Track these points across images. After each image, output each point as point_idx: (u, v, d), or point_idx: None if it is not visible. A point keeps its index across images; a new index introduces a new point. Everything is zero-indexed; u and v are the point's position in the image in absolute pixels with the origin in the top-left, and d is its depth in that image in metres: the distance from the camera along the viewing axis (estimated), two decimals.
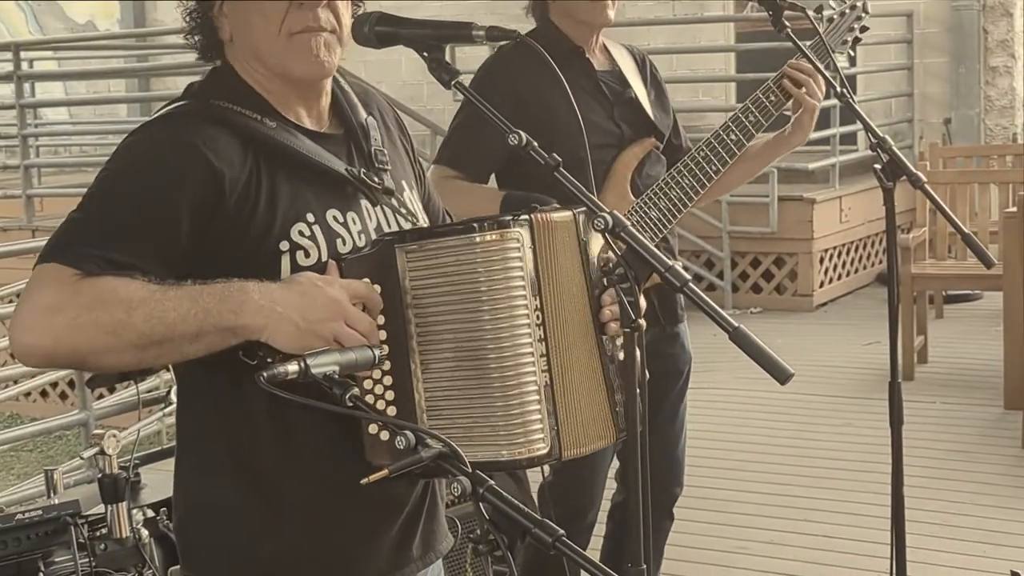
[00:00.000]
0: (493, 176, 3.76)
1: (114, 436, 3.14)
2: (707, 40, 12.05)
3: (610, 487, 4.11)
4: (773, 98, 3.81)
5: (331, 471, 2.20)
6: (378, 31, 2.26)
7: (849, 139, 10.60)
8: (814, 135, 10.12)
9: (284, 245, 2.15)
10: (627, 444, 2.07)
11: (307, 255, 2.16)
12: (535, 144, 2.15)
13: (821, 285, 9.94)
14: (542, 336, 2.13)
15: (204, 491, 2.28)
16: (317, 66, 2.23)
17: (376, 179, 2.30)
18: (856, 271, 10.41)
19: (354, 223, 2.24)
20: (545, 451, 2.09)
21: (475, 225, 2.10)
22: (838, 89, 3.34)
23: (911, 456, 5.95)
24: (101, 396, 6.68)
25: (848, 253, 10.30)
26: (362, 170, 2.29)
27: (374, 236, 2.23)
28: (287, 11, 2.19)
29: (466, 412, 2.08)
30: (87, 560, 3.19)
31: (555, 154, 2.14)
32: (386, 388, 2.12)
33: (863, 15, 3.95)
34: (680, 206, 3.73)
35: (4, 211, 11.57)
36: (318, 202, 2.21)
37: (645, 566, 1.95)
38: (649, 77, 3.94)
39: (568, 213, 2.23)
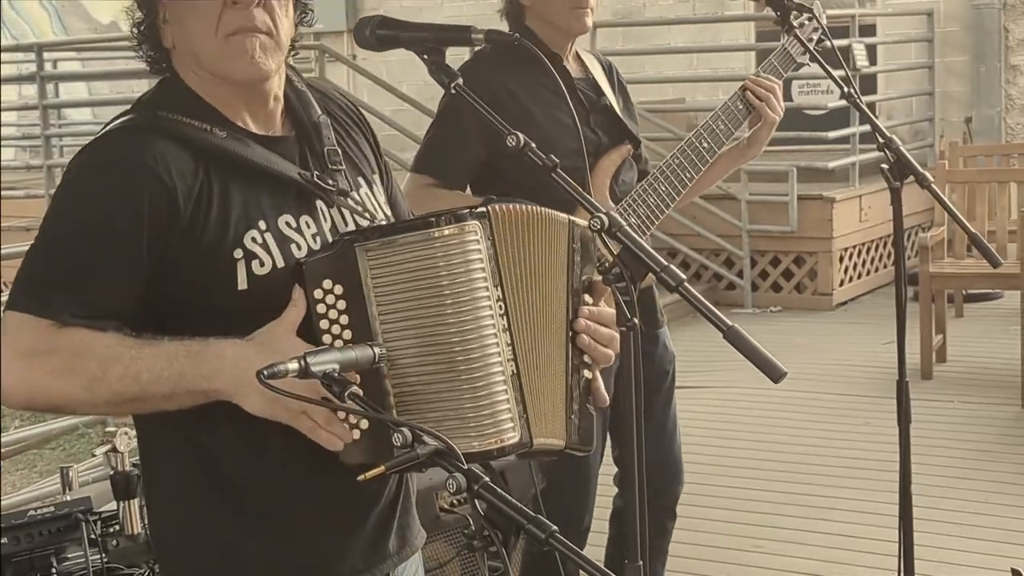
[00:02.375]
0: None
1: (126, 434, 3.16)
2: (727, 39, 12.05)
3: (611, 491, 4.13)
4: (741, 106, 3.86)
5: (299, 473, 2.20)
6: (379, 34, 2.28)
7: (869, 138, 10.57)
8: (834, 134, 10.17)
9: (238, 253, 2.14)
10: (624, 448, 2.08)
11: (262, 264, 2.15)
12: (533, 145, 2.16)
13: (841, 284, 9.93)
14: (506, 326, 2.13)
15: (173, 506, 2.27)
16: (253, 67, 2.19)
17: (330, 181, 2.27)
18: (876, 270, 10.40)
19: (308, 227, 2.22)
20: (516, 439, 2.10)
21: (432, 220, 2.11)
22: (845, 90, 3.35)
23: (929, 455, 6.00)
24: None
25: (868, 252, 10.29)
26: (315, 172, 2.26)
27: (330, 238, 2.23)
28: (221, 12, 2.16)
29: (435, 405, 2.09)
30: (99, 556, 3.23)
31: (551, 155, 2.16)
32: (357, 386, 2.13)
33: (818, 26, 3.94)
34: (658, 212, 3.77)
35: (28, 211, 11.62)
36: (270, 209, 2.19)
37: (641, 562, 1.96)
38: (616, 84, 3.95)
39: (562, 216, 2.25)
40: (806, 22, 3.91)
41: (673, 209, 3.91)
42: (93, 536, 3.17)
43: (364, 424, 2.09)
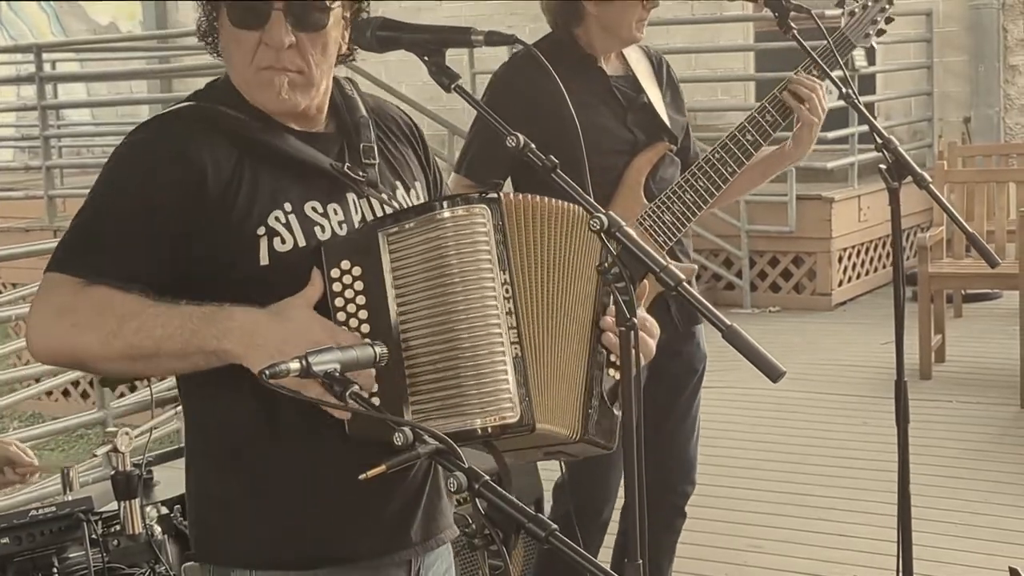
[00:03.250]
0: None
1: (127, 434, 3.18)
2: (726, 40, 12.06)
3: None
4: (788, 100, 3.80)
5: (320, 449, 2.26)
6: (379, 36, 2.31)
7: (867, 138, 10.53)
8: (832, 134, 10.14)
9: (261, 230, 2.24)
10: (626, 445, 2.10)
11: (283, 241, 2.25)
12: (532, 146, 2.18)
13: (839, 284, 9.94)
14: (511, 309, 2.18)
15: (204, 480, 2.39)
16: (279, 103, 2.30)
17: (360, 172, 2.36)
18: (875, 270, 10.41)
19: (335, 213, 2.31)
20: (515, 418, 2.14)
21: (444, 203, 2.19)
22: (843, 90, 3.35)
23: (928, 455, 6.01)
24: (123, 395, 6.74)
25: (867, 252, 10.30)
26: (347, 164, 2.35)
27: (357, 227, 2.31)
28: (257, 47, 2.27)
29: (442, 384, 2.15)
30: (100, 556, 3.25)
31: (552, 156, 2.17)
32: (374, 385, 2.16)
33: (887, 6, 3.93)
34: (695, 208, 3.74)
35: (27, 212, 11.64)
36: (299, 193, 2.29)
37: (641, 561, 1.97)
38: (665, 79, 3.95)
39: (576, 208, 2.27)
40: (871, 3, 3.88)
41: (716, 206, 3.88)
42: (94, 536, 3.19)
43: (375, 401, 2.14)
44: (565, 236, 2.28)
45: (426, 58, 2.26)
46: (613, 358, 2.31)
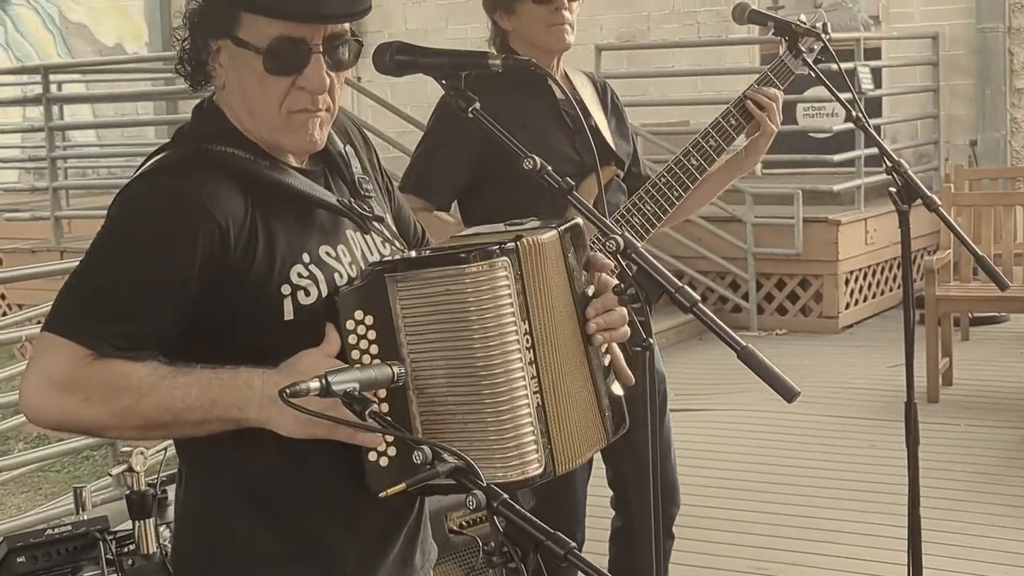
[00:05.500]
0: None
1: (142, 454, 3.19)
2: (731, 62, 12.08)
3: (608, 514, 4.14)
4: (734, 122, 3.85)
5: (335, 492, 2.24)
6: (398, 60, 2.32)
7: (875, 161, 10.59)
8: (839, 157, 10.16)
9: (286, 289, 2.18)
10: (628, 467, 2.11)
11: (307, 294, 2.19)
12: (549, 168, 2.19)
13: (847, 307, 9.93)
14: (532, 359, 2.17)
15: (206, 522, 2.30)
16: (309, 144, 2.26)
17: (365, 207, 2.34)
18: (882, 293, 10.40)
19: (344, 255, 2.27)
20: (539, 471, 2.14)
21: (463, 256, 2.14)
22: (853, 113, 3.36)
23: (935, 478, 5.99)
24: None
25: (874, 275, 10.30)
26: (351, 200, 2.33)
27: (363, 265, 2.27)
28: (289, 90, 2.20)
29: (460, 436, 2.12)
30: (115, 575, 3.25)
31: (567, 178, 2.18)
32: (383, 414, 2.14)
33: (815, 46, 3.93)
34: (643, 232, 3.78)
35: (33, 232, 11.66)
36: (312, 241, 2.23)
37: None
38: (610, 105, 3.98)
39: (553, 232, 2.27)
40: (809, 38, 3.92)
41: (665, 227, 3.92)
42: (110, 556, 3.19)
43: (392, 451, 2.14)
44: (553, 264, 2.27)
45: (444, 82, 2.27)
46: (601, 338, 2.30)
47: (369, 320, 2.16)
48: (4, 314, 11.23)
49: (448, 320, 2.13)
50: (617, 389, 2.34)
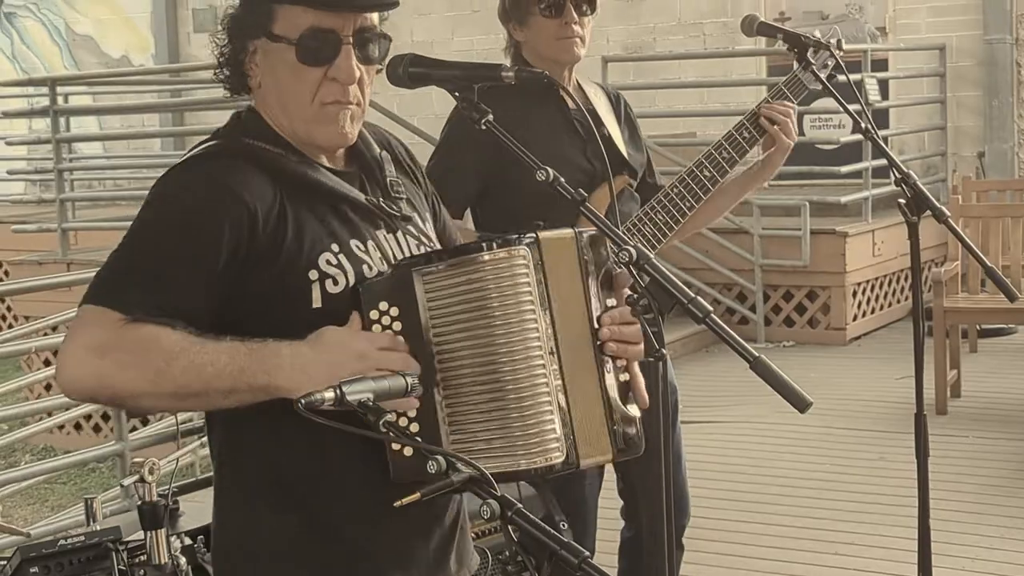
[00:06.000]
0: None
1: (154, 464, 3.19)
2: (738, 74, 12.09)
3: (618, 525, 4.14)
4: (747, 134, 3.86)
5: (366, 489, 2.27)
6: (411, 72, 2.35)
7: (882, 172, 10.58)
8: (846, 168, 10.16)
9: (313, 274, 2.24)
10: (638, 477, 2.12)
11: (335, 283, 2.25)
12: (562, 180, 2.21)
13: (854, 319, 9.92)
14: (553, 349, 2.21)
15: (238, 511, 2.37)
16: (340, 137, 2.33)
17: (394, 207, 2.39)
18: (889, 305, 10.39)
19: (374, 251, 2.33)
20: (561, 459, 2.18)
21: (484, 244, 2.21)
22: (863, 126, 3.36)
23: (944, 490, 5.98)
24: (134, 428, 6.75)
25: (881, 287, 10.29)
26: (381, 199, 2.38)
27: (393, 262, 2.32)
28: (321, 82, 2.28)
29: (485, 425, 2.17)
30: None
31: (580, 190, 2.19)
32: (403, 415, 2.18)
33: (838, 51, 3.94)
34: (655, 242, 3.79)
35: (40, 244, 11.68)
36: (342, 231, 2.30)
37: None
38: (623, 116, 4.00)
39: (569, 231, 2.31)
40: (821, 51, 3.92)
41: (677, 239, 3.92)
42: (122, 567, 3.19)
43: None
44: (570, 261, 2.31)
45: (457, 94, 2.29)
46: (620, 362, 2.33)
47: (395, 311, 2.21)
48: (11, 326, 11.25)
49: (470, 309, 2.18)
50: (634, 410, 2.34)
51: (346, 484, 2.29)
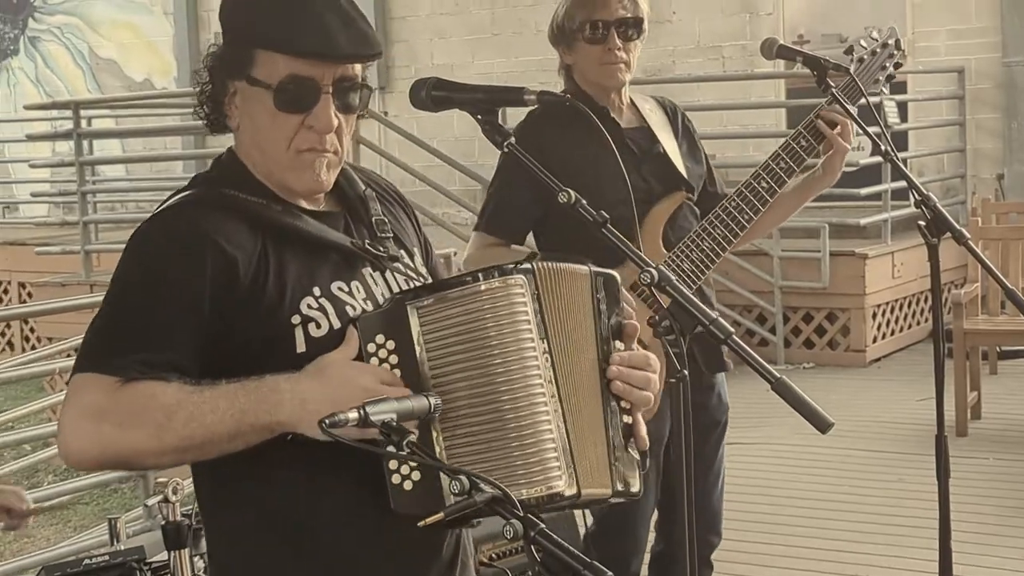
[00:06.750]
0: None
1: (177, 484, 3.20)
2: (757, 96, 12.09)
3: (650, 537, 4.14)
4: (804, 143, 3.85)
5: (361, 520, 2.26)
6: (434, 95, 2.36)
7: (901, 194, 10.57)
8: (866, 190, 10.13)
9: (296, 319, 2.23)
10: (669, 499, 2.13)
11: (318, 326, 2.24)
12: (583, 202, 2.22)
13: (874, 341, 9.91)
14: (551, 378, 2.20)
15: (235, 551, 2.33)
16: (315, 184, 2.31)
17: (380, 247, 2.37)
18: (909, 327, 10.37)
19: (358, 291, 2.31)
20: (563, 487, 2.16)
21: (480, 275, 2.19)
22: (883, 148, 3.38)
23: (964, 512, 5.97)
24: None
25: (901, 309, 10.28)
26: (366, 240, 2.37)
27: (379, 301, 2.31)
28: (298, 129, 2.26)
29: (484, 456, 2.15)
30: None
31: (602, 211, 2.21)
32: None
33: (895, 51, 3.97)
34: (713, 256, 3.79)
35: (64, 266, 11.74)
36: (324, 275, 2.28)
37: None
38: (681, 129, 4.03)
39: (584, 268, 2.31)
40: (879, 49, 3.94)
41: (736, 249, 3.92)
42: None
43: (416, 476, 2.15)
44: (576, 295, 2.30)
45: (479, 117, 2.31)
46: (624, 404, 2.33)
47: (391, 344, 2.20)
48: (34, 347, 11.29)
49: (468, 339, 2.17)
50: (634, 453, 2.34)
51: (340, 521, 2.26)
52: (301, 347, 2.22)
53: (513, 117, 8.86)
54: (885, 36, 3.96)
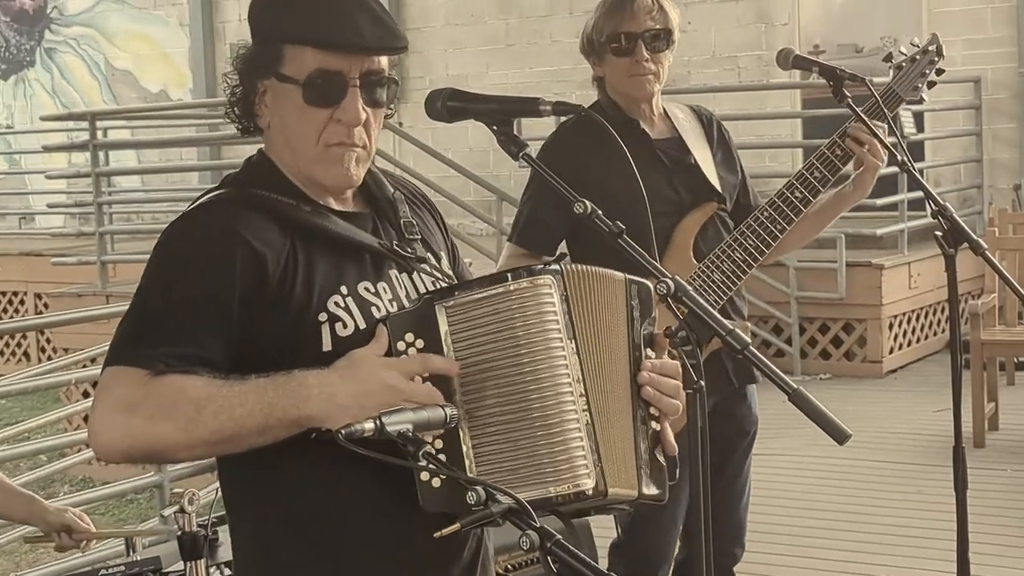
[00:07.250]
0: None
1: (193, 494, 3.20)
2: (773, 107, 12.09)
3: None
4: (839, 152, 3.82)
5: (383, 523, 2.27)
6: (449, 106, 2.36)
7: (917, 205, 10.55)
8: (882, 201, 10.12)
9: (323, 316, 2.25)
10: (690, 507, 2.12)
11: (345, 326, 2.25)
12: (599, 212, 2.22)
13: (891, 351, 9.88)
14: (579, 377, 2.21)
15: (263, 556, 2.35)
16: (345, 179, 2.34)
17: (408, 249, 2.40)
18: (926, 337, 10.35)
19: (385, 292, 2.33)
20: (591, 485, 2.16)
21: (508, 275, 2.22)
22: (899, 158, 3.37)
23: (981, 523, 5.94)
24: None
25: (918, 319, 10.25)
26: (394, 241, 2.39)
27: (405, 302, 2.33)
28: (327, 123, 2.29)
29: (512, 454, 2.16)
30: None
31: (619, 222, 2.21)
32: (435, 437, 2.18)
33: (936, 58, 3.96)
34: (745, 267, 3.77)
35: (80, 277, 11.77)
36: (351, 276, 2.30)
37: None
38: (716, 137, 4.01)
39: (618, 274, 2.33)
40: (919, 56, 3.92)
41: (768, 261, 3.89)
42: None
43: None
44: (608, 300, 2.32)
45: (495, 128, 2.31)
46: (653, 410, 2.34)
47: (420, 343, 2.22)
48: (50, 358, 11.32)
49: (496, 338, 2.19)
50: (661, 459, 2.35)
51: (362, 522, 2.28)
52: (327, 345, 2.24)
53: (528, 128, 8.86)
54: (926, 43, 3.94)
